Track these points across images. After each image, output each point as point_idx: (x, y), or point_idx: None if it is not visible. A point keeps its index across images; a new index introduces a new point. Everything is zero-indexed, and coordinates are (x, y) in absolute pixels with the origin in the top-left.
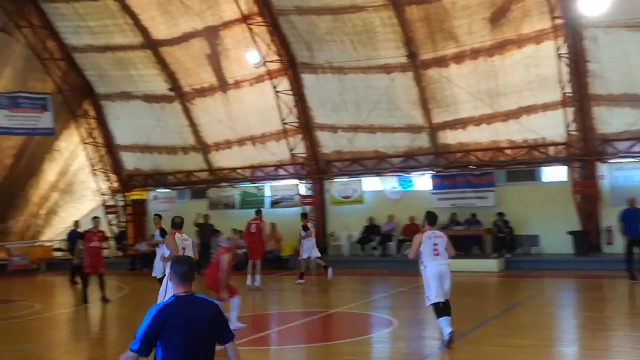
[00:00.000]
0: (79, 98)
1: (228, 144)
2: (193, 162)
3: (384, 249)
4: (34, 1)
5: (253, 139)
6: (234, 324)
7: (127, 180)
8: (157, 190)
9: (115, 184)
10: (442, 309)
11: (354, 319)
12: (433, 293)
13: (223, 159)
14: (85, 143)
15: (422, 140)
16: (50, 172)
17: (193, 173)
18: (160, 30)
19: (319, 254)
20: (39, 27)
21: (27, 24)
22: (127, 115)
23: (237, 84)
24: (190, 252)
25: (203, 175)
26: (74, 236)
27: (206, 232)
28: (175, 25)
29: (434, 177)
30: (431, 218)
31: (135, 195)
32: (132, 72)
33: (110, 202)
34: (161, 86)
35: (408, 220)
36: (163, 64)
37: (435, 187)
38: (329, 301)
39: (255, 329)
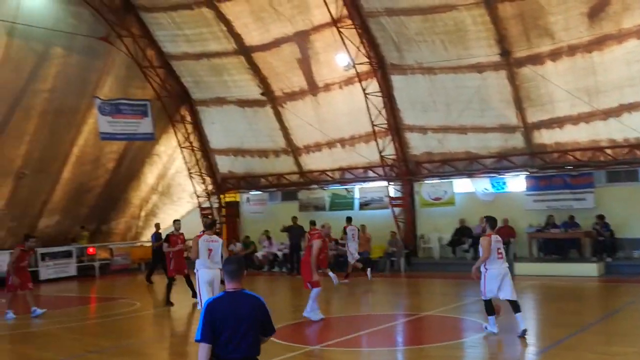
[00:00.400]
0: (176, 104)
1: (318, 147)
2: (284, 164)
3: (476, 251)
4: (135, 11)
5: (342, 141)
6: (312, 313)
7: (221, 183)
8: (250, 193)
9: (210, 187)
10: (493, 307)
11: (445, 323)
12: (493, 290)
13: (313, 162)
14: (182, 147)
15: (516, 140)
16: (150, 176)
17: (284, 175)
18: (252, 36)
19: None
20: (139, 37)
21: (128, 34)
22: (222, 120)
23: (327, 87)
24: (218, 253)
25: (293, 178)
26: (157, 238)
27: (295, 234)
28: (267, 32)
29: (528, 178)
30: (493, 222)
31: (229, 197)
32: (226, 77)
33: (206, 204)
34: (253, 91)
35: (501, 223)
36: (255, 69)
37: (529, 189)
38: (420, 304)
39: (346, 330)
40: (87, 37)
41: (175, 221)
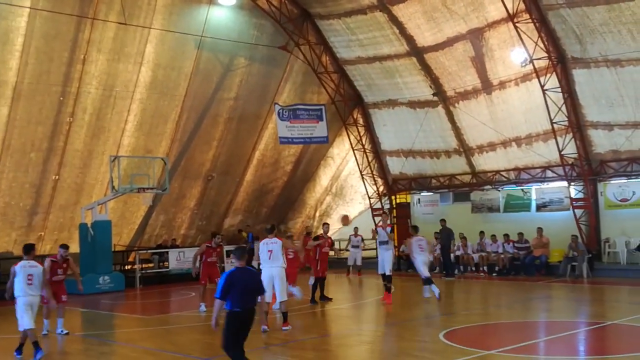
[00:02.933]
0: (349, 107)
1: (492, 146)
2: (456, 165)
3: None
4: (311, 20)
5: (518, 140)
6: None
7: (393, 184)
8: (421, 194)
9: (382, 188)
10: None
11: (636, 333)
12: None
13: (486, 162)
14: (355, 149)
15: None
16: (324, 177)
17: (456, 176)
18: (425, 37)
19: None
20: (315, 44)
21: (305, 42)
22: (393, 122)
23: (502, 85)
24: (278, 254)
25: (466, 179)
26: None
27: (445, 236)
28: (440, 31)
29: None
30: None
31: (400, 198)
32: (397, 79)
33: (377, 205)
34: (425, 92)
35: None
36: (427, 70)
37: None
38: (604, 312)
39: (523, 336)
40: (267, 46)
41: (324, 224)
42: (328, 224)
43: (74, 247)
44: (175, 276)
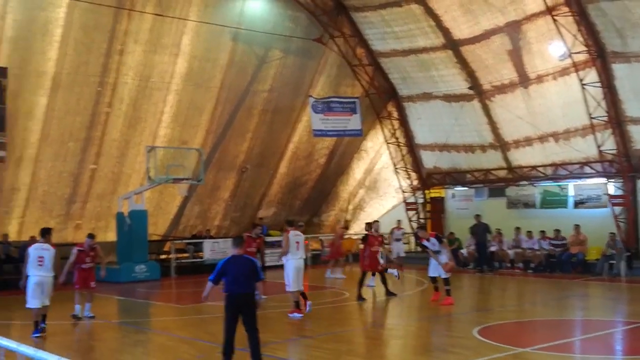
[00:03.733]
0: (383, 100)
1: (528, 141)
2: (491, 160)
3: None
4: (346, 12)
5: (556, 135)
6: None
7: (427, 178)
8: (455, 189)
9: (415, 182)
10: None
11: None
12: None
13: (523, 157)
14: (389, 143)
15: None
16: (357, 170)
17: (491, 171)
18: (461, 29)
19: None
20: (349, 36)
21: (339, 34)
22: (427, 115)
23: (539, 79)
24: (302, 246)
25: (501, 174)
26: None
27: (479, 232)
28: (477, 24)
29: None
30: None
31: (434, 193)
32: (433, 73)
33: (411, 200)
34: (461, 85)
35: None
36: (463, 63)
37: None
38: None
39: (559, 334)
40: (302, 39)
41: (374, 222)
42: (378, 222)
43: (111, 236)
44: (210, 266)
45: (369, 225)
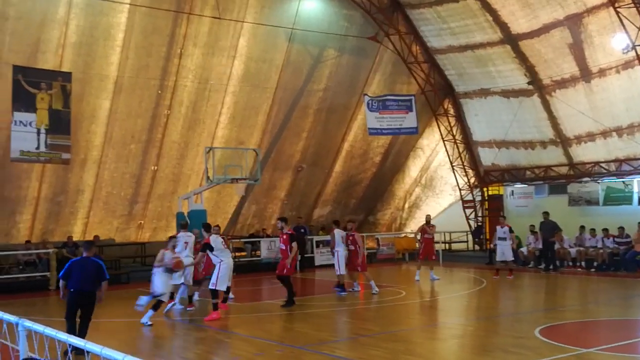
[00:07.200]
0: (439, 97)
1: (590, 137)
2: (551, 156)
3: None
4: (401, 9)
5: (619, 130)
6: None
7: (484, 176)
8: (514, 186)
9: (473, 179)
10: None
11: None
12: None
13: (585, 153)
14: (445, 140)
15: None
16: (413, 168)
17: (551, 168)
18: (520, 24)
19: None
20: (404, 34)
21: (395, 32)
22: (485, 112)
23: (602, 72)
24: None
25: (562, 170)
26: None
27: (546, 229)
28: (536, 17)
29: None
30: None
31: (492, 190)
32: (490, 68)
33: (468, 197)
34: (520, 80)
35: None
36: (522, 58)
37: None
38: None
39: (624, 334)
40: (357, 37)
41: (427, 216)
42: (429, 215)
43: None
44: (267, 265)
45: (427, 217)
